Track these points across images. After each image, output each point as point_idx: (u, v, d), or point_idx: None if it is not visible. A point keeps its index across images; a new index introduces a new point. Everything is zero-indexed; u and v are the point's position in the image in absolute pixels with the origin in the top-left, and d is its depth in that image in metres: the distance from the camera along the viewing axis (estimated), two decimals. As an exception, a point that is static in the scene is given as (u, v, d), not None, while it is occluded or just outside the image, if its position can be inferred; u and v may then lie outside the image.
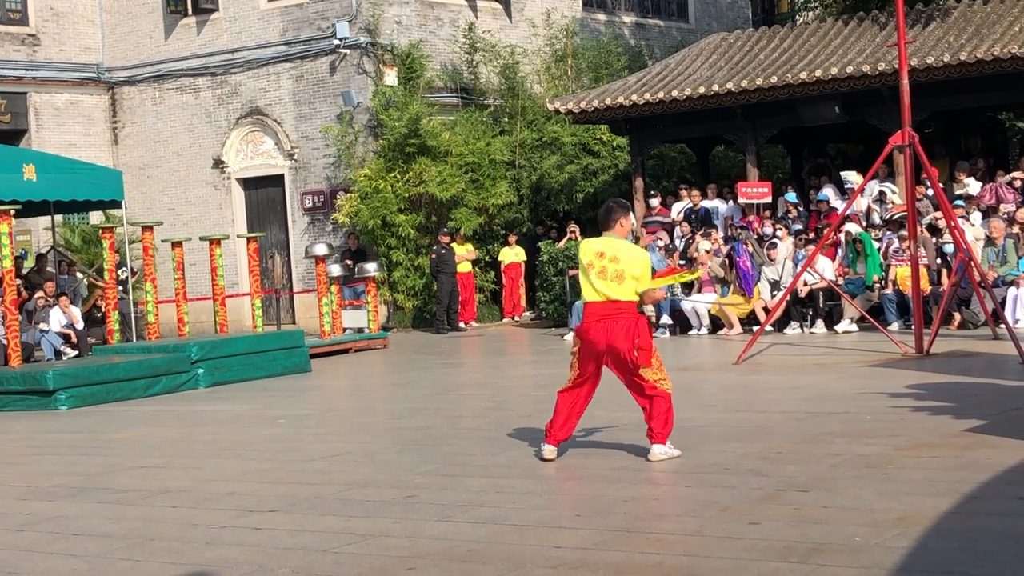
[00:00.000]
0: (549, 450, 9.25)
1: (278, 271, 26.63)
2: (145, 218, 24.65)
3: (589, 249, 9.13)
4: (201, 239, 21.89)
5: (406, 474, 9.25)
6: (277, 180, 27.36)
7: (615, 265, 8.99)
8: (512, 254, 25.53)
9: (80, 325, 21.32)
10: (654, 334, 20.25)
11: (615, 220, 9.23)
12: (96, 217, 26.84)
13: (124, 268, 23.23)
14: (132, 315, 22.54)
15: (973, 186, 20.51)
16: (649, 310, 20.68)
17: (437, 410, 13.25)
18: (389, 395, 15.88)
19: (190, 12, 27.97)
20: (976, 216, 19.66)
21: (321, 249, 22.61)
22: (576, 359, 9.21)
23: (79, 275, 24.90)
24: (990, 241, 18.72)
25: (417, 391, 15.39)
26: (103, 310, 20.90)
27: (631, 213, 9.56)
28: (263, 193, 27.71)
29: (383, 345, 21.91)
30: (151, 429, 13.35)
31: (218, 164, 27.85)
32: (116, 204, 22.17)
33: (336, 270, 22.60)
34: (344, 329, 22.48)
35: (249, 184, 27.86)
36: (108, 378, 16.28)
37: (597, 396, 9.58)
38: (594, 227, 24.24)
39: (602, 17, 30.86)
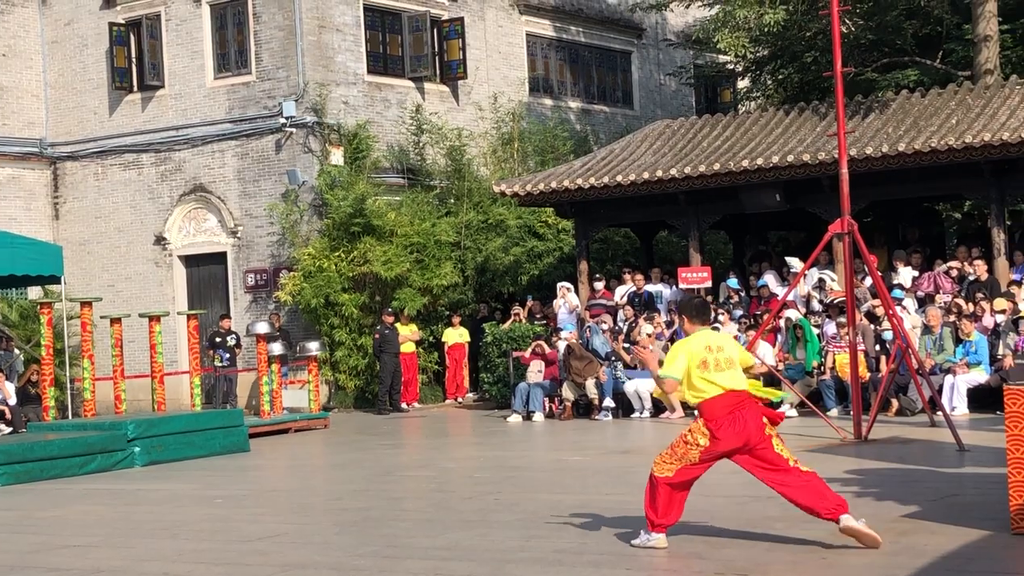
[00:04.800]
0: (661, 539, 8.77)
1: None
2: (84, 294, 24.42)
3: (698, 345, 8.76)
4: (140, 316, 21.73)
5: (345, 556, 9.16)
6: (220, 257, 27.26)
7: (723, 354, 8.72)
8: (456, 335, 25.50)
9: (13, 401, 21.03)
10: (595, 417, 20.40)
11: (709, 315, 9.14)
12: (35, 292, 26.59)
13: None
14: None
15: (904, 274, 20.78)
16: (592, 391, 20.71)
17: (378, 491, 13.15)
18: (329, 476, 15.74)
19: (135, 88, 27.97)
20: (910, 303, 19.90)
21: (262, 328, 22.50)
22: (698, 451, 8.63)
23: (16, 351, 24.60)
24: (927, 329, 18.93)
25: (358, 472, 15.26)
26: (39, 386, 20.65)
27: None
28: (205, 271, 27.59)
29: (324, 425, 21.74)
30: (85, 507, 13.15)
31: (160, 241, 27.72)
32: (55, 280, 21.95)
33: (277, 349, 22.47)
34: (283, 409, 22.32)
35: (191, 261, 27.73)
36: (42, 455, 16.03)
37: (539, 479, 9.55)
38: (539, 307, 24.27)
39: (548, 102, 31.17)
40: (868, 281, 19.44)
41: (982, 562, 7.84)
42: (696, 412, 8.77)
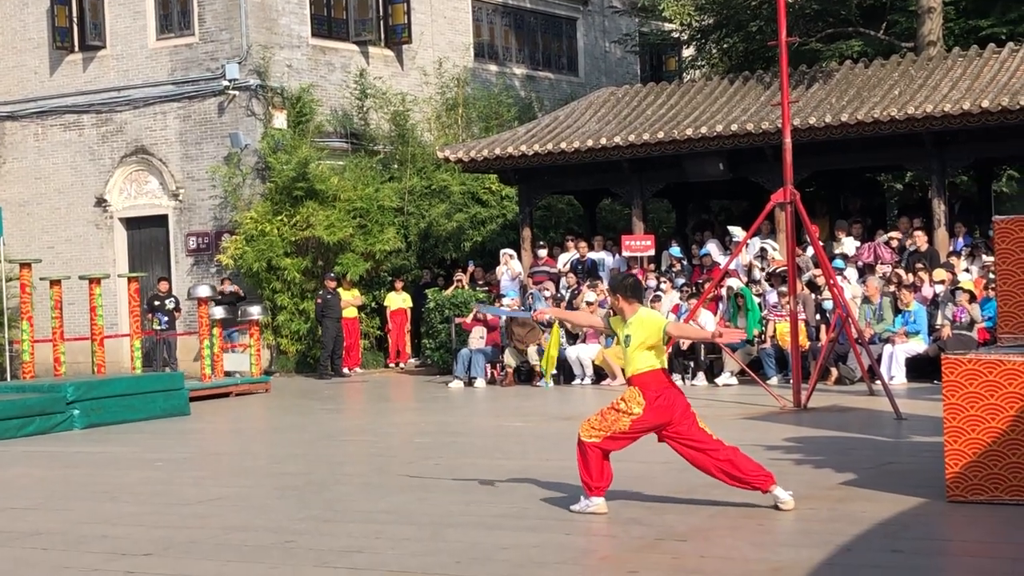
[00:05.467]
0: (601, 503, 8.75)
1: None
2: (24, 255, 24.18)
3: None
4: (80, 278, 21.53)
5: (285, 519, 9.14)
6: (161, 220, 27.03)
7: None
8: (399, 300, 25.46)
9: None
10: (537, 384, 20.45)
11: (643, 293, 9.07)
12: (-27, 253, 26.27)
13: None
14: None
15: (848, 245, 20.96)
16: (534, 358, 20.76)
17: (319, 456, 13.13)
18: (270, 440, 15.70)
19: (76, 48, 27.60)
20: (851, 273, 20.07)
21: (204, 291, 22.35)
22: (630, 420, 8.68)
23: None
24: (867, 299, 19.10)
25: (299, 436, 15.23)
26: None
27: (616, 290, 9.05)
28: (146, 233, 27.34)
29: (265, 389, 21.66)
30: (24, 470, 13.04)
31: (100, 203, 27.44)
32: (-6, 240, 21.75)
33: (219, 312, 22.34)
34: (234, 372, 22.25)
35: (132, 224, 27.48)
36: (-21, 417, 15.87)
37: (480, 445, 9.57)
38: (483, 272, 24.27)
39: (493, 68, 31.08)
40: (810, 250, 19.59)
41: (918, 529, 7.95)
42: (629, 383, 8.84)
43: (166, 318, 24.48)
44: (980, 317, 18.11)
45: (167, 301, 24.60)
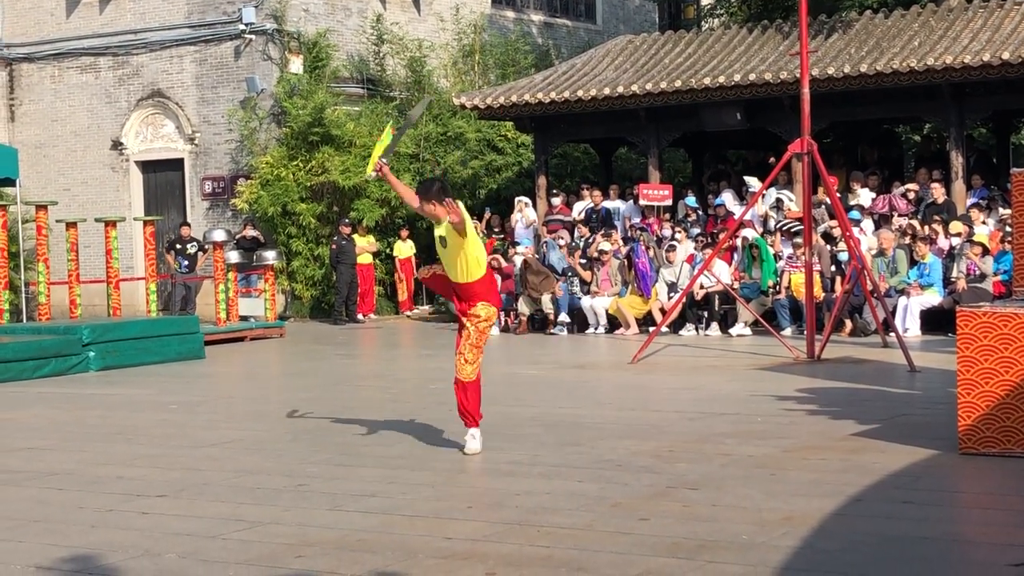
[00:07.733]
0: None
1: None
2: (40, 197, 24.21)
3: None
4: (96, 221, 21.58)
5: (298, 463, 9.19)
6: (177, 164, 27.03)
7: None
8: (407, 249, 25.49)
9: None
10: (551, 332, 20.46)
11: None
12: (-11, 195, 26.30)
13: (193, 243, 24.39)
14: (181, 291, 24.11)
15: (864, 196, 20.87)
16: (548, 306, 20.78)
17: (332, 400, 13.18)
18: (283, 384, 15.77)
19: (93, -10, 27.56)
20: (868, 225, 20.01)
21: (219, 235, 22.38)
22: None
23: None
24: (880, 252, 19.05)
25: (312, 381, 15.29)
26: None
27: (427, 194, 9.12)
28: (162, 177, 27.36)
29: (279, 334, 21.74)
30: (39, 411, 13.12)
31: (116, 146, 27.44)
32: (10, 182, 21.74)
33: (234, 257, 22.38)
34: (249, 317, 22.32)
35: (148, 167, 27.49)
36: (-4, 358, 15.96)
37: (493, 392, 9.56)
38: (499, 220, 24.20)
39: (511, 14, 30.91)
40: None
41: (929, 480, 7.97)
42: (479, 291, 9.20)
43: (187, 262, 24.41)
44: (991, 271, 18.05)
45: (189, 245, 24.49)
